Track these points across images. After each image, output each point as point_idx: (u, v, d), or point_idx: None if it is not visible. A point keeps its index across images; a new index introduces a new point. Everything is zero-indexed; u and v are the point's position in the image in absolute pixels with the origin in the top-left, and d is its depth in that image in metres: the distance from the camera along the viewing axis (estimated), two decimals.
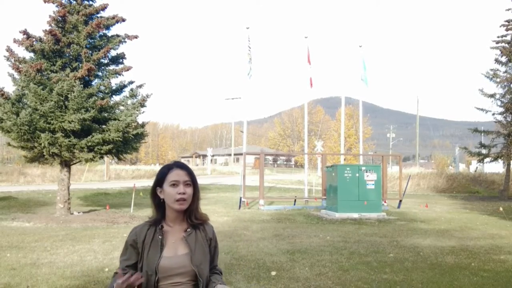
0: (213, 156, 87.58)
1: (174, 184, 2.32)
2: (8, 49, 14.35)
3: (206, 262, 2.39)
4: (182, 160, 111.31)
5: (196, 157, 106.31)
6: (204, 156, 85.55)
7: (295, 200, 20.38)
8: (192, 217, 2.39)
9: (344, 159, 56.30)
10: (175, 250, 2.32)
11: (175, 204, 2.31)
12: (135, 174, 49.21)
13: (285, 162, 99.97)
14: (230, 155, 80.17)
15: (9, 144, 15.05)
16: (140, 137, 15.83)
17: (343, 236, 11.55)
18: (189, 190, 2.35)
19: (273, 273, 7.32)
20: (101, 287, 6.41)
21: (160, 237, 2.32)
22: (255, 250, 9.44)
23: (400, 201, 20.22)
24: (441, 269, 7.80)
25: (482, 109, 28.15)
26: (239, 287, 6.45)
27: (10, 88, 14.36)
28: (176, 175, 2.35)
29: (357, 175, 16.11)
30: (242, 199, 19.08)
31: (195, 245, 2.35)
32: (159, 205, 2.40)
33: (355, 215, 15.77)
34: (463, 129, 29.84)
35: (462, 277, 7.22)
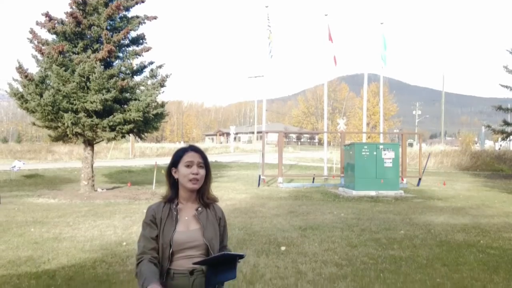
0: (236, 134, 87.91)
1: (189, 165, 2.52)
2: (32, 31, 14.76)
3: (217, 238, 2.55)
4: (206, 138, 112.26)
5: (220, 135, 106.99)
6: (228, 134, 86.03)
7: (313, 178, 20.57)
8: (204, 197, 2.60)
9: (368, 137, 56.03)
10: (187, 225, 2.49)
11: (189, 183, 2.49)
12: (159, 152, 49.89)
13: (308, 140, 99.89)
14: (253, 133, 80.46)
15: (34, 124, 15.58)
16: (160, 116, 16.16)
17: (357, 213, 11.73)
18: (202, 172, 2.54)
19: (283, 248, 7.58)
20: (118, 260, 6.75)
21: (175, 212, 2.49)
22: (268, 226, 9.72)
23: (420, 179, 20.19)
24: (449, 246, 7.92)
25: (506, 86, 27.64)
26: (248, 261, 6.71)
27: (34, 70, 14.80)
28: (191, 156, 2.55)
29: (375, 153, 16.17)
30: (261, 177, 19.37)
31: (206, 222, 2.52)
32: (174, 184, 2.60)
33: (372, 193, 15.89)
34: (491, 106, 29.46)
35: (468, 254, 7.34)
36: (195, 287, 2.41)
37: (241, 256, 2.39)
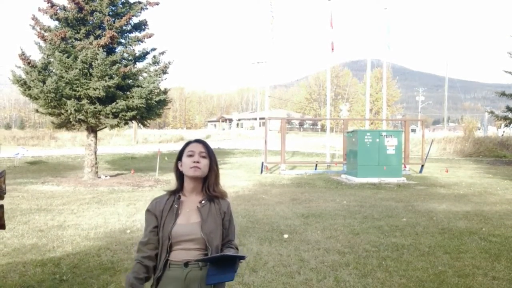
0: (239, 120, 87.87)
1: (190, 155, 2.55)
2: (34, 18, 14.71)
3: (217, 232, 2.54)
4: (209, 124, 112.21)
5: (222, 121, 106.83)
6: (231, 120, 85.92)
7: (316, 165, 20.60)
8: (211, 189, 2.60)
9: (371, 123, 55.88)
10: (188, 218, 2.50)
11: (190, 171, 2.51)
12: (162, 139, 50.04)
13: (311, 126, 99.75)
14: (256, 119, 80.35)
15: (37, 111, 15.59)
16: (163, 103, 16.16)
17: (359, 200, 11.76)
18: (204, 161, 2.56)
19: (286, 236, 7.62)
20: (122, 247, 6.80)
21: (176, 206, 2.52)
22: (271, 213, 9.76)
23: (422, 165, 20.20)
24: (451, 233, 7.95)
25: (510, 72, 27.50)
26: (251, 248, 6.77)
27: (37, 57, 14.78)
28: (193, 147, 2.59)
29: (378, 140, 16.17)
30: (264, 164, 19.41)
31: (208, 215, 2.52)
32: (180, 177, 2.64)
33: (375, 180, 15.92)
34: (495, 92, 29.53)
35: (470, 241, 7.38)
36: (188, 279, 2.42)
37: (242, 258, 2.38)
